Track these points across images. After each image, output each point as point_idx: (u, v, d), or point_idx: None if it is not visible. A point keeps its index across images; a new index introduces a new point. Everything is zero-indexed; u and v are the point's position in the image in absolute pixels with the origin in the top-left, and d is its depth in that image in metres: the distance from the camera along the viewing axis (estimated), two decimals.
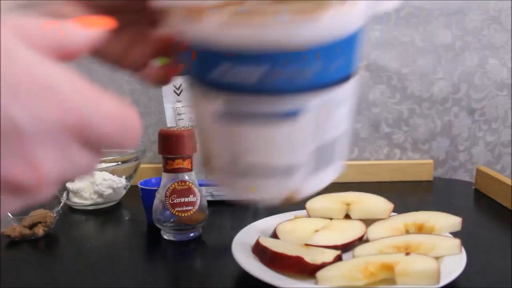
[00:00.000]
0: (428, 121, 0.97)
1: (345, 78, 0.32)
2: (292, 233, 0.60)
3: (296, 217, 0.66)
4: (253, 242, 0.57)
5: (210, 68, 0.29)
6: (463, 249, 0.53)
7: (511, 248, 0.61)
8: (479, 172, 0.88)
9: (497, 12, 0.93)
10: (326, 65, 0.31)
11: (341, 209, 0.64)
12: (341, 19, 0.30)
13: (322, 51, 0.30)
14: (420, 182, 0.95)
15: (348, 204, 0.64)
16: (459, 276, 0.49)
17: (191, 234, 0.68)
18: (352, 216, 0.63)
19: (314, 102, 0.31)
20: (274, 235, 0.60)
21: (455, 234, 0.57)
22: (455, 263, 0.51)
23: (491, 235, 0.68)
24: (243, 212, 0.81)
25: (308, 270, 0.51)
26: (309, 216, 0.65)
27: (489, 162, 0.98)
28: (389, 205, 0.63)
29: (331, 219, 0.64)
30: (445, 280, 0.47)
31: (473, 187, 0.89)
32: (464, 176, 0.99)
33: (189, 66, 0.31)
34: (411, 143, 0.98)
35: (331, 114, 0.33)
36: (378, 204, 0.64)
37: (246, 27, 0.28)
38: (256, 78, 0.29)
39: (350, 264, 0.50)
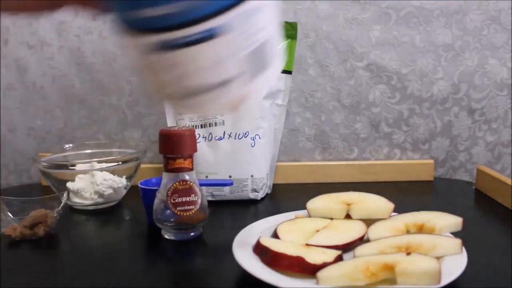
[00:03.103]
0: (428, 121, 0.97)
1: None
2: (293, 233, 0.60)
3: (297, 217, 0.66)
4: (253, 241, 0.57)
5: (133, 8, 0.32)
6: (463, 249, 0.53)
7: None
8: (479, 172, 0.88)
9: (497, 12, 0.93)
10: None
11: (342, 209, 0.64)
12: None
13: None
14: (420, 182, 0.95)
15: (348, 204, 0.64)
16: (460, 276, 0.49)
17: (192, 234, 0.68)
18: (352, 216, 0.63)
19: (232, 15, 0.34)
20: (275, 235, 0.60)
21: (455, 234, 0.57)
22: (456, 263, 0.51)
23: (491, 235, 0.68)
24: (243, 212, 0.81)
25: (309, 270, 0.51)
26: (310, 216, 0.65)
27: (489, 162, 0.98)
28: (390, 205, 0.63)
29: (331, 219, 0.64)
30: (446, 280, 0.47)
31: (473, 187, 0.89)
32: (464, 176, 0.99)
33: (113, 7, 0.34)
34: (411, 143, 0.98)
35: (253, 21, 0.36)
36: (378, 204, 0.64)
37: None
38: (175, 10, 0.32)
39: (351, 264, 0.50)
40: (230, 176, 0.83)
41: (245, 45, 0.36)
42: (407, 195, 0.89)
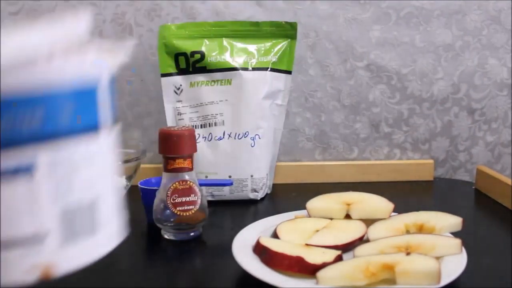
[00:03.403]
0: (428, 121, 0.97)
1: (79, 133, 0.30)
2: (293, 233, 0.60)
3: (296, 217, 0.66)
4: (253, 242, 0.57)
5: None
6: (463, 249, 0.53)
7: None
8: (479, 172, 0.88)
9: (497, 12, 0.93)
10: (47, 116, 0.28)
11: (342, 209, 0.64)
12: (46, 71, 0.28)
13: (32, 101, 0.28)
14: (420, 182, 0.95)
15: (348, 204, 0.64)
16: (460, 276, 0.49)
17: (192, 234, 0.68)
18: (352, 216, 0.63)
19: (46, 157, 0.29)
20: (275, 235, 0.60)
21: (455, 234, 0.57)
22: (456, 263, 0.51)
23: (491, 235, 0.68)
24: (243, 212, 0.81)
25: (309, 270, 0.51)
26: (309, 216, 0.65)
27: (489, 162, 0.98)
28: (390, 205, 0.63)
29: (331, 219, 0.64)
30: (445, 280, 0.47)
31: (473, 187, 0.89)
32: (464, 176, 0.99)
33: None
34: (411, 143, 0.98)
35: (73, 173, 0.30)
36: (378, 204, 0.64)
37: None
38: None
39: (351, 264, 0.50)
40: (230, 176, 0.83)
41: (63, 196, 0.30)
42: (407, 195, 0.88)
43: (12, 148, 0.28)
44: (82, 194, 0.31)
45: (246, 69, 0.83)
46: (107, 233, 0.34)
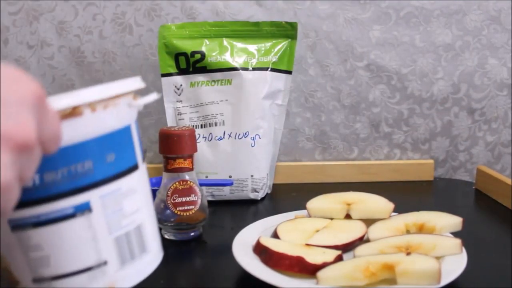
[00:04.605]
0: (428, 121, 0.97)
1: (124, 171, 0.35)
2: (293, 233, 0.60)
3: (296, 217, 0.66)
4: (253, 242, 0.57)
5: None
6: (463, 249, 0.53)
7: None
8: (479, 172, 0.88)
9: (497, 12, 0.93)
10: (97, 161, 0.33)
11: (342, 209, 0.64)
12: (92, 122, 0.33)
13: (85, 147, 0.32)
14: (420, 182, 0.95)
15: (348, 204, 0.64)
16: (460, 276, 0.49)
17: (192, 234, 0.68)
18: (352, 216, 0.63)
19: (98, 195, 0.33)
20: (275, 235, 0.60)
21: (455, 234, 0.57)
22: (456, 263, 0.51)
23: (491, 235, 0.68)
24: (243, 212, 0.81)
25: (309, 270, 0.51)
26: (309, 216, 0.65)
27: (489, 162, 0.98)
28: (390, 205, 0.63)
29: (331, 219, 0.64)
30: (446, 280, 0.47)
31: (473, 187, 0.89)
32: (464, 176, 0.99)
33: None
34: (411, 143, 0.98)
35: (121, 205, 0.34)
36: (378, 204, 0.64)
37: None
38: (37, 183, 0.31)
39: (351, 264, 0.50)
40: (230, 176, 0.83)
41: (111, 228, 0.34)
42: (407, 195, 0.88)
43: (70, 193, 0.32)
44: (131, 221, 0.35)
45: (246, 69, 0.83)
46: (153, 251, 0.38)
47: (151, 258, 0.38)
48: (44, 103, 0.29)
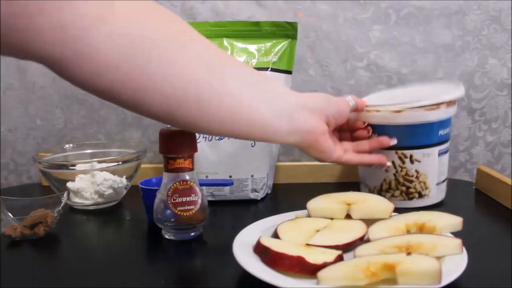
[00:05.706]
0: None
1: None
2: (293, 233, 0.60)
3: (297, 217, 0.66)
4: (254, 242, 0.57)
5: None
6: (464, 249, 0.53)
7: None
8: (479, 172, 0.88)
9: (497, 12, 0.93)
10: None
11: (342, 209, 0.64)
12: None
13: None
14: None
15: (349, 204, 0.64)
16: (461, 276, 0.49)
17: (192, 234, 0.68)
18: (353, 216, 0.63)
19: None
20: (275, 235, 0.60)
21: (456, 234, 0.57)
22: (456, 263, 0.51)
23: (492, 235, 0.68)
24: (244, 212, 0.81)
25: (309, 270, 0.51)
26: (310, 216, 0.65)
27: (489, 162, 0.98)
28: (390, 205, 0.63)
29: (332, 219, 0.64)
30: (446, 280, 0.47)
31: (473, 187, 0.89)
32: (464, 176, 0.99)
33: None
34: None
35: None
36: (379, 204, 0.64)
37: None
38: None
39: (352, 264, 0.50)
40: (230, 176, 0.83)
41: None
42: None
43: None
44: None
45: None
46: None
47: None
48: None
